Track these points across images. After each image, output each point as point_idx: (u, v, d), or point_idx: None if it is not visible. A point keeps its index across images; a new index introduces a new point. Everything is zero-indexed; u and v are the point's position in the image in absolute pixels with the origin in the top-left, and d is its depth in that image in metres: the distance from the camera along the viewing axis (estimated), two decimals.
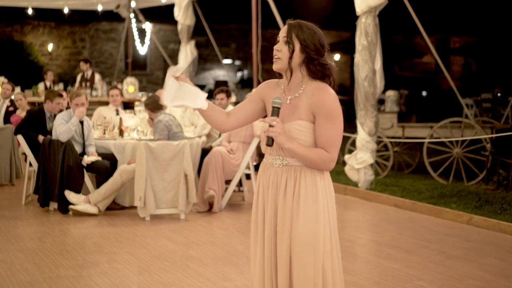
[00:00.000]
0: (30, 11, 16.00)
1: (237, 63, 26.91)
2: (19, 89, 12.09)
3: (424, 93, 25.42)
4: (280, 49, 2.98)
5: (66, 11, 15.96)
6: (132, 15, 16.13)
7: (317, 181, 2.97)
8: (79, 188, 7.47)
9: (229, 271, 5.36)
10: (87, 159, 7.53)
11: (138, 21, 16.50)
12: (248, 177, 8.78)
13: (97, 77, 15.12)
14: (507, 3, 20.31)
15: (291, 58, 2.95)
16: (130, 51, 17.51)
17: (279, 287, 2.99)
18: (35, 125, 8.27)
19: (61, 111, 8.22)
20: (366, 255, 6.03)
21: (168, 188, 7.31)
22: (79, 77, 15.36)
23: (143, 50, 18.16)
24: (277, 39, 3.03)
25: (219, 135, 8.73)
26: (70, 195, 7.38)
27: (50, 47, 24.09)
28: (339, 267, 3.03)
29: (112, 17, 19.17)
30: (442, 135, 9.56)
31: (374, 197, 8.53)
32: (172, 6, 13.58)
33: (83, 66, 15.17)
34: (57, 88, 14.88)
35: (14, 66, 21.16)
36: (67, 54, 24.64)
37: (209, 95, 3.12)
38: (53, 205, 7.68)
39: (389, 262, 5.67)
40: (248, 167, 8.34)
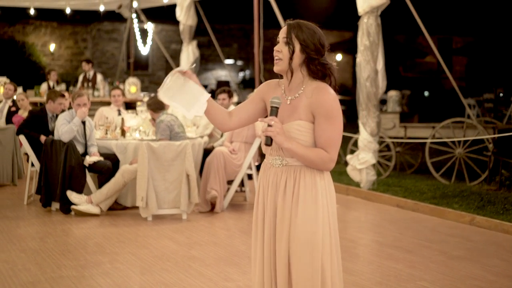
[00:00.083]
0: (32, 11, 15.99)
1: (239, 63, 26.90)
2: (21, 89, 12.10)
3: (426, 93, 25.41)
4: (280, 50, 2.98)
5: (68, 11, 15.96)
6: (134, 15, 16.13)
7: (317, 181, 2.97)
8: (81, 188, 7.47)
9: (231, 271, 5.36)
10: (89, 159, 7.53)
11: (140, 21, 16.51)
12: (250, 177, 8.77)
13: (99, 77, 15.15)
14: (508, 3, 20.29)
15: (291, 58, 2.95)
16: (132, 51, 17.54)
17: (279, 287, 2.99)
18: (37, 125, 8.28)
19: (63, 111, 8.21)
20: (368, 255, 6.02)
21: (170, 188, 7.31)
22: (81, 78, 15.39)
23: (145, 50, 18.17)
24: (276, 40, 3.02)
25: (221, 135, 8.72)
26: (72, 195, 7.39)
27: (52, 47, 24.10)
28: (339, 267, 3.03)
29: (114, 17, 19.19)
30: (444, 135, 9.55)
31: (376, 197, 8.52)
32: (174, 6, 13.59)
33: (85, 66, 15.20)
34: (59, 88, 14.87)
35: (16, 66, 21.19)
36: (69, 54, 24.65)
37: (211, 96, 3.10)
38: (55, 205, 7.69)
39: (391, 262, 5.66)
40: (250, 167, 8.34)
